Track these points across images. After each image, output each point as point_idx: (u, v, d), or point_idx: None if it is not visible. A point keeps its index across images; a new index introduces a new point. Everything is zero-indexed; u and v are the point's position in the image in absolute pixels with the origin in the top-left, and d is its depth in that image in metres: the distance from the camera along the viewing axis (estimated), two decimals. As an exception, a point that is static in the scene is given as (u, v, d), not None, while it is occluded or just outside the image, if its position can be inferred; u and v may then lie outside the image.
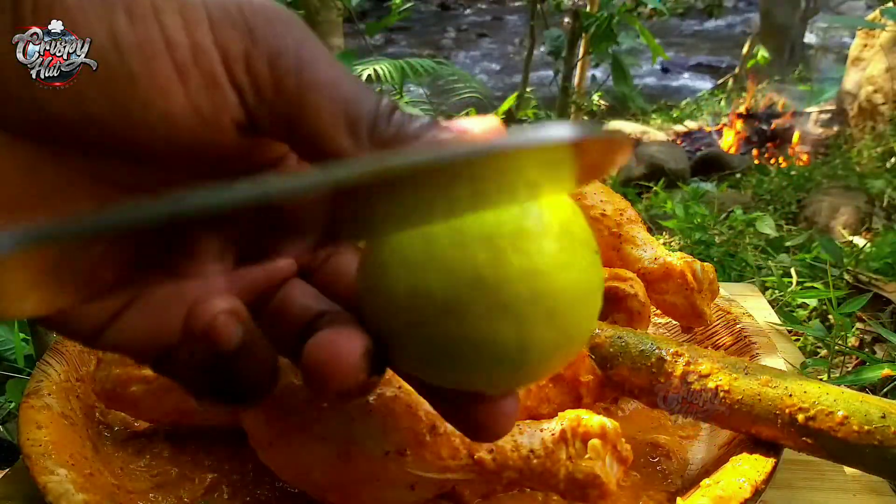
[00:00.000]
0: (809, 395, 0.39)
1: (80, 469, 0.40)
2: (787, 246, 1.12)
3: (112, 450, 0.46)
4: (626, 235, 0.52)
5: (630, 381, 0.43)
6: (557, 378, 0.44)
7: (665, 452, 0.47)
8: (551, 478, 0.36)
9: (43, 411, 0.43)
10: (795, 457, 0.42)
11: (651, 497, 0.43)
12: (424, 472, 0.35)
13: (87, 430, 0.45)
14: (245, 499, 0.42)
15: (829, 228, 1.43)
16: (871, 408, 0.37)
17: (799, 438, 0.39)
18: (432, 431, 0.35)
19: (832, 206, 1.49)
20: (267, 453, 0.38)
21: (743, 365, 0.42)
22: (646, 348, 0.43)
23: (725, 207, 1.48)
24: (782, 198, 1.61)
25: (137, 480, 0.43)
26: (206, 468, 0.44)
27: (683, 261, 0.51)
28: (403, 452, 0.35)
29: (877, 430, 0.37)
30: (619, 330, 0.45)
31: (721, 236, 1.18)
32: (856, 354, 0.71)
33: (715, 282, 0.52)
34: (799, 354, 0.65)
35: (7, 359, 0.78)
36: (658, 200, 1.52)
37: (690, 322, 0.52)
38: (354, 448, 0.35)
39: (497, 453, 0.36)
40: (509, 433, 0.36)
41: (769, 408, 0.40)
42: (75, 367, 0.48)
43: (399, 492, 0.36)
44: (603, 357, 0.44)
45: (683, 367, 0.42)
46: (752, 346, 0.51)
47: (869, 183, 1.57)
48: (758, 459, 0.40)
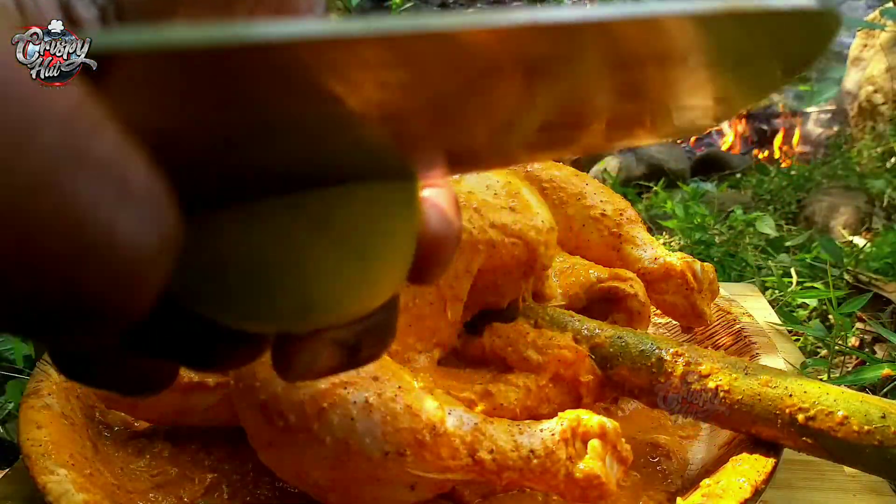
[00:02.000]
0: (809, 395, 0.39)
1: (80, 469, 0.40)
2: (787, 246, 1.12)
3: (112, 450, 0.46)
4: (626, 235, 0.52)
5: (630, 381, 0.43)
6: (557, 378, 0.44)
7: (665, 452, 0.47)
8: (551, 478, 0.36)
9: (43, 411, 0.43)
10: (795, 457, 0.42)
11: (651, 497, 0.43)
12: (424, 472, 0.35)
13: (87, 430, 0.45)
14: (245, 499, 0.42)
15: (829, 228, 1.43)
16: (871, 408, 0.37)
17: (799, 438, 0.39)
18: (432, 431, 0.35)
19: (832, 206, 1.49)
20: (267, 453, 0.38)
21: (743, 365, 0.42)
22: (646, 348, 0.43)
23: (725, 207, 1.48)
24: (782, 198, 1.61)
25: (137, 480, 0.43)
26: (206, 468, 0.44)
27: (683, 261, 0.51)
28: (403, 452, 0.35)
29: (877, 430, 0.37)
30: (619, 330, 0.45)
31: (721, 236, 1.18)
32: (856, 354, 0.71)
33: (715, 282, 0.52)
34: (799, 354, 0.65)
35: (7, 359, 0.78)
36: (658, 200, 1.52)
37: (690, 322, 0.52)
38: (354, 448, 0.35)
39: (497, 453, 0.36)
40: (509, 434, 0.36)
41: (769, 408, 0.40)
42: (75, 367, 0.48)
43: (399, 492, 0.36)
44: (603, 357, 0.44)
45: (683, 367, 0.42)
46: (752, 346, 0.51)
47: (869, 183, 1.57)
48: (758, 459, 0.40)
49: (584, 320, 0.46)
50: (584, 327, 0.45)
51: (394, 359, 0.41)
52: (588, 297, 0.50)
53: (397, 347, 0.44)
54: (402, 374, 0.38)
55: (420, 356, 0.44)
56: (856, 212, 1.46)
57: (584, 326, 0.45)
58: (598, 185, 0.54)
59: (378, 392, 0.36)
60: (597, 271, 0.50)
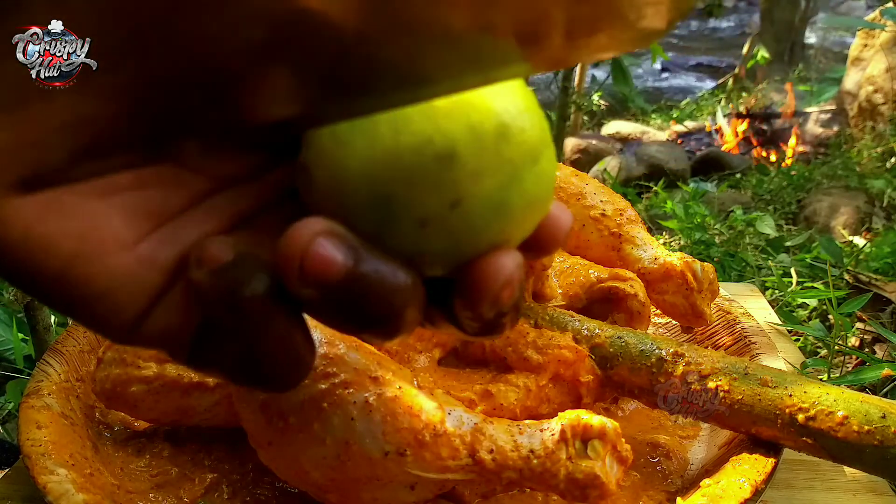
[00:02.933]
0: (809, 395, 0.39)
1: (80, 469, 0.40)
2: (787, 246, 1.12)
3: (112, 450, 0.46)
4: (626, 235, 0.52)
5: (630, 381, 0.43)
6: (557, 378, 0.44)
7: (665, 452, 0.47)
8: (551, 478, 0.36)
9: (43, 411, 0.43)
10: (795, 457, 0.42)
11: (651, 497, 0.43)
12: (424, 472, 0.35)
13: (87, 430, 0.45)
14: (245, 499, 0.42)
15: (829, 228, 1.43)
16: (871, 408, 0.37)
17: (799, 438, 0.39)
18: (432, 431, 0.35)
19: (832, 206, 1.49)
20: (267, 453, 0.38)
21: (743, 365, 0.42)
22: (646, 348, 0.43)
23: (725, 207, 1.48)
24: (782, 198, 1.61)
25: (137, 480, 0.43)
26: (206, 468, 0.44)
27: (683, 261, 0.51)
28: (403, 452, 0.35)
29: (877, 430, 0.37)
30: (619, 330, 0.45)
31: (721, 236, 1.18)
32: (856, 354, 0.71)
33: (715, 282, 0.52)
34: (799, 354, 0.65)
35: (7, 359, 0.78)
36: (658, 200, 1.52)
37: (690, 322, 0.52)
38: (354, 448, 0.35)
39: (497, 453, 0.36)
40: (509, 434, 0.36)
41: (769, 408, 0.40)
42: (75, 367, 0.48)
43: (399, 492, 0.36)
44: (603, 357, 0.44)
45: (683, 367, 0.42)
46: (752, 346, 0.51)
47: (869, 183, 1.57)
48: (758, 459, 0.40)
49: (584, 320, 0.46)
50: (584, 327, 0.45)
51: (394, 359, 0.41)
52: (588, 297, 0.50)
53: (397, 347, 0.44)
54: (402, 373, 0.38)
55: (420, 356, 0.44)
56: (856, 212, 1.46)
57: (584, 326, 0.45)
58: (598, 185, 0.54)
59: (378, 392, 0.36)
60: (597, 271, 0.50)
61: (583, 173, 0.55)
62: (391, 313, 0.20)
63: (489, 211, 0.20)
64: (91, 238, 0.19)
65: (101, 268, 0.19)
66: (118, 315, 0.20)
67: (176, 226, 0.21)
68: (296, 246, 0.19)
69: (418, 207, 0.20)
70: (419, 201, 0.20)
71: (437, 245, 0.20)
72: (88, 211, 0.19)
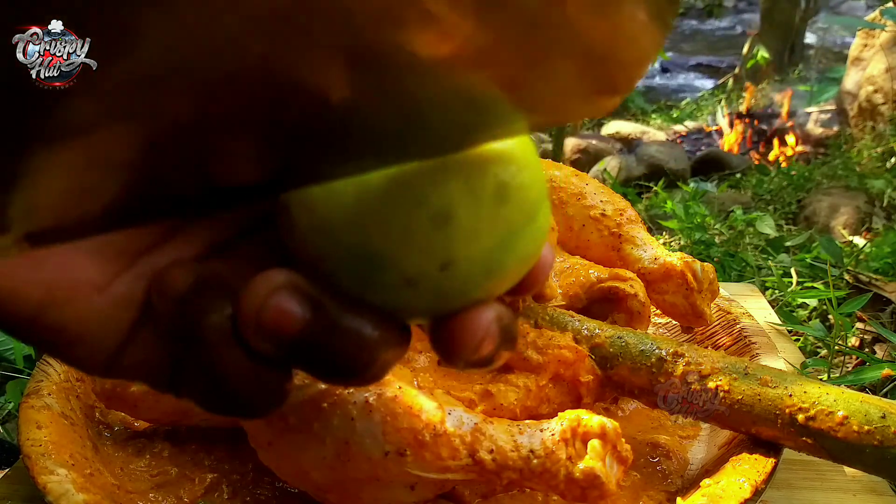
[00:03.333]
0: (809, 395, 0.39)
1: (80, 469, 0.40)
2: (787, 246, 1.12)
3: (112, 450, 0.46)
4: (626, 235, 0.52)
5: (630, 381, 0.43)
6: (557, 378, 0.44)
7: (665, 452, 0.47)
8: (551, 478, 0.36)
9: (43, 411, 0.43)
10: (795, 457, 0.42)
11: (651, 497, 0.43)
12: (424, 473, 0.35)
13: (87, 430, 0.45)
14: (245, 499, 0.42)
15: (829, 228, 1.43)
16: (871, 408, 0.37)
17: (799, 438, 0.39)
18: (432, 431, 0.35)
19: (832, 206, 1.49)
20: (267, 453, 0.38)
21: (743, 365, 0.42)
22: (646, 348, 0.43)
23: (725, 207, 1.48)
24: (782, 198, 1.61)
25: (137, 480, 0.43)
26: (206, 468, 0.44)
27: (683, 261, 0.51)
28: (403, 452, 0.35)
29: (877, 430, 0.37)
30: (619, 330, 0.45)
31: (721, 236, 1.18)
32: (856, 354, 0.71)
33: (715, 282, 0.52)
34: (799, 354, 0.65)
35: (7, 359, 0.78)
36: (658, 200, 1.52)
37: (690, 322, 0.52)
38: (354, 448, 0.35)
39: (497, 453, 0.36)
40: (509, 434, 0.36)
41: (769, 408, 0.40)
42: (75, 367, 0.48)
43: (399, 492, 0.36)
44: (603, 357, 0.44)
45: (683, 367, 0.42)
46: (752, 346, 0.51)
47: (869, 183, 1.57)
48: (758, 459, 0.40)
49: (584, 320, 0.46)
50: (584, 327, 0.45)
51: (394, 359, 0.41)
52: (588, 297, 0.50)
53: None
54: (402, 373, 0.38)
55: (420, 356, 0.44)
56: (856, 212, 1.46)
57: (584, 326, 0.45)
58: (597, 185, 0.54)
59: (378, 392, 0.36)
60: (597, 271, 0.50)
61: (583, 173, 0.55)
62: (357, 366, 0.20)
63: (481, 273, 0.19)
64: (60, 286, 0.19)
65: (72, 314, 0.19)
66: (93, 356, 0.20)
67: (152, 258, 0.21)
68: (253, 299, 0.19)
69: (407, 267, 0.19)
70: (409, 261, 0.19)
71: (422, 304, 0.20)
72: (57, 259, 0.19)
